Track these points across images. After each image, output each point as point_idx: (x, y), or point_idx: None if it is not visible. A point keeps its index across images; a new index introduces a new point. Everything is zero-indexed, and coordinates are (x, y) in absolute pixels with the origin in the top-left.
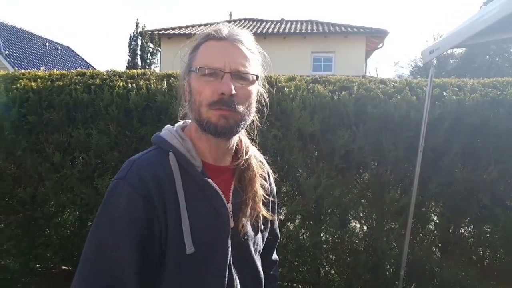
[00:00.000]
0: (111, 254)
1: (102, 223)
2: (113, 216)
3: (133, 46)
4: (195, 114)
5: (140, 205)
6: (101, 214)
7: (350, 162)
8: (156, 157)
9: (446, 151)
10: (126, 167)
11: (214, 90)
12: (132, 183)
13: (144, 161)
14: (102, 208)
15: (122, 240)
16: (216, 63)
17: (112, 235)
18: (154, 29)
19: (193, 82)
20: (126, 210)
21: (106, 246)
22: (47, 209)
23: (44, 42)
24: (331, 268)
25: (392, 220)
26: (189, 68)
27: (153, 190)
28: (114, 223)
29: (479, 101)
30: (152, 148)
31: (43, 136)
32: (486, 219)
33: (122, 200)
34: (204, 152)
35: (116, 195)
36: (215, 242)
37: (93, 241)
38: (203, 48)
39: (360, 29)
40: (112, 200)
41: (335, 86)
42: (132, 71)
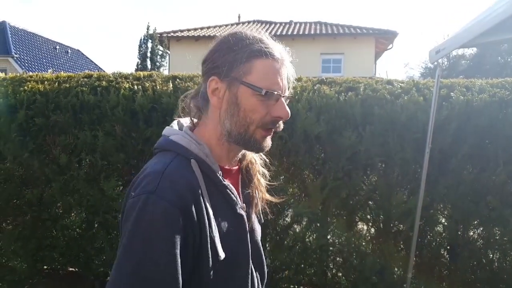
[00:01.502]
0: (151, 275)
1: (137, 243)
2: (149, 234)
3: (143, 48)
4: (239, 129)
5: (177, 219)
6: (134, 233)
7: (357, 163)
8: (181, 166)
9: (453, 152)
10: (154, 179)
11: (269, 111)
12: (167, 196)
13: (173, 172)
14: (134, 226)
15: (162, 258)
16: (276, 86)
17: (150, 254)
18: (163, 32)
19: (246, 98)
20: (164, 226)
21: (144, 267)
22: (54, 211)
23: (55, 46)
24: (338, 271)
25: (400, 222)
26: (240, 80)
27: (189, 201)
28: (152, 242)
29: (487, 101)
30: (170, 156)
31: (50, 138)
32: (496, 222)
33: (158, 215)
34: (221, 157)
35: (149, 211)
36: (238, 245)
37: (129, 264)
38: (261, 66)
39: (370, 30)
40: (146, 217)
41: (341, 87)
42: (138, 73)
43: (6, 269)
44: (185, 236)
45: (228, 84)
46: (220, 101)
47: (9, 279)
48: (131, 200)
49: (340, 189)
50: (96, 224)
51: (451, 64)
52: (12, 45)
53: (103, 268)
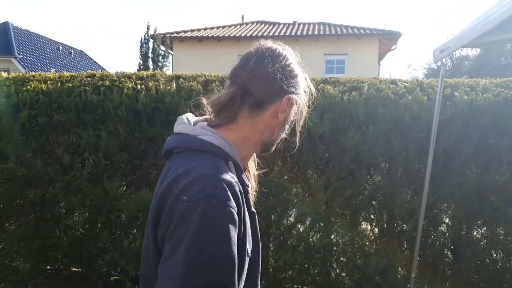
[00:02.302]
0: (220, 281)
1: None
2: (216, 239)
3: (145, 49)
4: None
5: (236, 223)
6: (199, 238)
7: (361, 163)
8: (225, 168)
9: (457, 152)
10: (210, 183)
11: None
12: (226, 201)
13: (225, 176)
14: (198, 231)
15: (230, 263)
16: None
17: (219, 259)
18: (166, 32)
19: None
20: (228, 230)
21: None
22: (57, 211)
23: (58, 46)
24: (342, 271)
25: (403, 222)
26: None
27: (240, 205)
28: (219, 246)
29: (491, 101)
30: (207, 156)
31: (53, 138)
32: (499, 221)
33: (222, 220)
34: (244, 158)
35: (213, 216)
36: (255, 242)
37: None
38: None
39: (373, 31)
40: (210, 222)
41: (345, 86)
42: (141, 73)
43: (9, 269)
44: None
45: (296, 103)
46: (284, 116)
47: (12, 279)
48: (186, 204)
49: (344, 188)
50: (99, 224)
51: (455, 65)
52: (15, 46)
53: (106, 268)
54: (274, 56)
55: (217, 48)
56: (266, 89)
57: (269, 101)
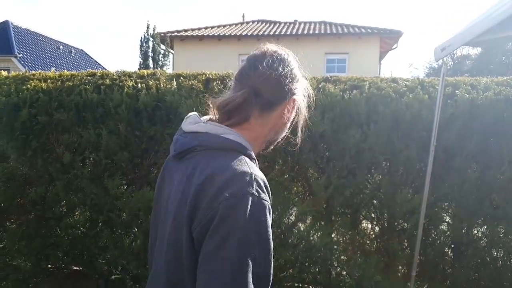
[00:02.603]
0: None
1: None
2: (261, 231)
3: (145, 48)
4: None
5: (271, 216)
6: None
7: (361, 162)
8: (253, 164)
9: (458, 150)
10: (250, 180)
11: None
12: (264, 196)
13: (258, 172)
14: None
15: (268, 254)
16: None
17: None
18: (166, 31)
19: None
20: (268, 224)
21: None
22: (58, 210)
23: (58, 45)
24: (342, 269)
25: (404, 220)
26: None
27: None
28: (262, 239)
29: (492, 99)
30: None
31: (54, 137)
32: (500, 220)
33: (264, 215)
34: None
35: (257, 210)
36: None
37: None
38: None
39: (374, 29)
40: (255, 215)
41: (346, 85)
42: (142, 71)
43: (10, 268)
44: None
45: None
46: (288, 117)
47: (13, 278)
48: (229, 201)
49: (344, 187)
50: (100, 223)
51: (456, 64)
52: (15, 45)
53: (107, 267)
54: (282, 61)
55: (217, 47)
56: (276, 91)
57: (276, 103)
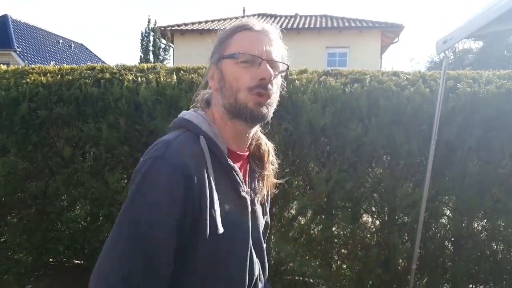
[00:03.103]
0: (149, 232)
1: (139, 201)
2: (152, 195)
3: (145, 42)
4: (229, 99)
5: (181, 184)
6: (137, 193)
7: (362, 155)
8: (189, 139)
9: (459, 144)
10: (162, 146)
11: (253, 75)
12: (173, 162)
13: (181, 142)
14: (139, 186)
15: (162, 219)
16: (254, 50)
17: (151, 214)
18: (167, 25)
19: (228, 69)
20: (167, 189)
21: (143, 224)
22: (59, 204)
23: (58, 40)
24: (343, 263)
25: (405, 214)
26: (221, 55)
27: (193, 169)
28: (154, 202)
29: (494, 93)
30: (179, 131)
31: (53, 131)
32: (500, 213)
33: (163, 179)
34: (228, 139)
35: (155, 174)
36: (238, 224)
37: (128, 218)
38: (239, 37)
39: (375, 23)
40: (151, 178)
41: (347, 78)
42: (142, 65)
43: (11, 261)
44: (185, 202)
45: (217, 65)
46: (215, 83)
47: (14, 271)
48: (138, 165)
49: (345, 181)
50: (100, 217)
51: (457, 58)
52: (14, 39)
53: None
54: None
55: None
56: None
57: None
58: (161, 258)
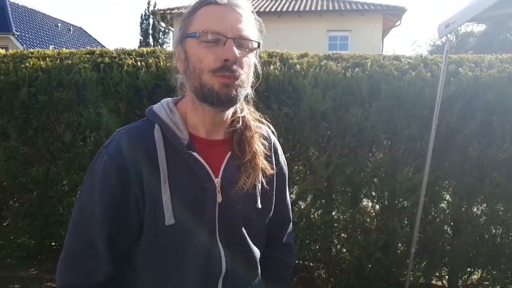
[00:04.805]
0: (88, 217)
1: (84, 187)
2: (92, 182)
3: (145, 25)
4: (194, 83)
5: (113, 173)
6: (85, 179)
7: (363, 140)
8: (141, 128)
9: (460, 129)
10: (112, 136)
11: (217, 56)
12: (110, 151)
13: (127, 131)
14: (87, 174)
15: (96, 205)
16: (217, 28)
17: (90, 199)
18: (166, 8)
19: (191, 49)
20: (101, 177)
21: (85, 209)
22: (60, 188)
23: (56, 23)
24: (343, 247)
25: (404, 198)
26: (185, 34)
27: (128, 159)
28: (92, 189)
29: (496, 77)
30: (141, 119)
31: (54, 116)
32: (499, 198)
33: (100, 167)
34: (196, 125)
35: (97, 162)
36: (199, 216)
37: (77, 204)
38: (202, 13)
39: (377, 6)
40: (94, 166)
41: (348, 62)
42: (141, 49)
43: (14, 245)
44: (124, 190)
45: (181, 44)
46: (181, 64)
47: (17, 255)
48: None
49: (345, 166)
50: None
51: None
52: (12, 23)
53: None
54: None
55: None
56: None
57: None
58: (98, 240)
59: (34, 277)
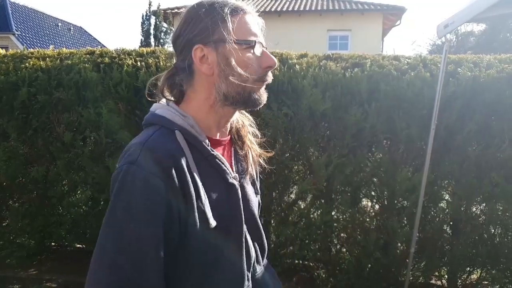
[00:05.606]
0: (132, 243)
1: (118, 211)
2: (130, 203)
3: (146, 25)
4: (236, 88)
5: (159, 188)
6: (116, 202)
7: (362, 140)
8: (164, 137)
9: (459, 129)
10: (135, 151)
11: (259, 63)
12: (147, 166)
13: (155, 142)
14: (116, 196)
15: (143, 227)
16: (261, 38)
17: (132, 223)
18: (167, 8)
19: (235, 55)
20: (144, 195)
21: (126, 235)
22: (60, 188)
23: (57, 23)
24: (342, 246)
25: (404, 198)
26: (226, 40)
27: (170, 170)
28: (133, 211)
29: (495, 77)
30: (153, 128)
31: (54, 116)
32: (498, 197)
33: (139, 185)
34: (210, 127)
35: (130, 181)
36: (231, 213)
37: (111, 231)
38: (241, 22)
39: (377, 6)
40: (127, 187)
41: (347, 63)
42: (141, 49)
43: (14, 245)
44: (169, 205)
45: (215, 47)
46: (210, 67)
47: (17, 255)
48: (115, 172)
49: (345, 166)
50: (102, 201)
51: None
52: (13, 22)
53: None
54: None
55: None
56: (182, 50)
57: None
58: (150, 267)
59: (34, 277)
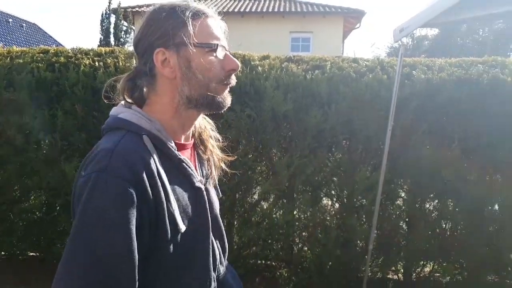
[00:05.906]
0: (106, 253)
1: (90, 219)
2: (102, 212)
3: (106, 24)
4: (200, 90)
5: (131, 195)
6: (86, 211)
7: (322, 141)
8: (132, 142)
9: (414, 129)
10: (104, 156)
11: (222, 66)
12: (119, 173)
13: (125, 148)
14: (86, 204)
15: (117, 235)
16: (222, 41)
17: (105, 232)
18: (128, 6)
19: (197, 58)
20: (117, 203)
21: (99, 242)
22: (10, 194)
23: (7, 19)
24: (304, 245)
25: (363, 197)
26: (188, 43)
27: (141, 176)
28: (105, 219)
29: (446, 80)
30: (120, 133)
31: (3, 118)
32: (449, 194)
33: (111, 193)
34: (175, 131)
35: (101, 189)
36: (199, 217)
37: (82, 239)
38: (203, 26)
39: (338, 9)
40: (98, 194)
41: (308, 65)
42: (99, 49)
43: None
44: (141, 213)
45: (176, 50)
46: (172, 70)
47: None
48: (81, 179)
49: (306, 166)
50: (58, 207)
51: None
52: None
53: None
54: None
55: None
56: (144, 53)
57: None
58: (125, 277)
59: None
